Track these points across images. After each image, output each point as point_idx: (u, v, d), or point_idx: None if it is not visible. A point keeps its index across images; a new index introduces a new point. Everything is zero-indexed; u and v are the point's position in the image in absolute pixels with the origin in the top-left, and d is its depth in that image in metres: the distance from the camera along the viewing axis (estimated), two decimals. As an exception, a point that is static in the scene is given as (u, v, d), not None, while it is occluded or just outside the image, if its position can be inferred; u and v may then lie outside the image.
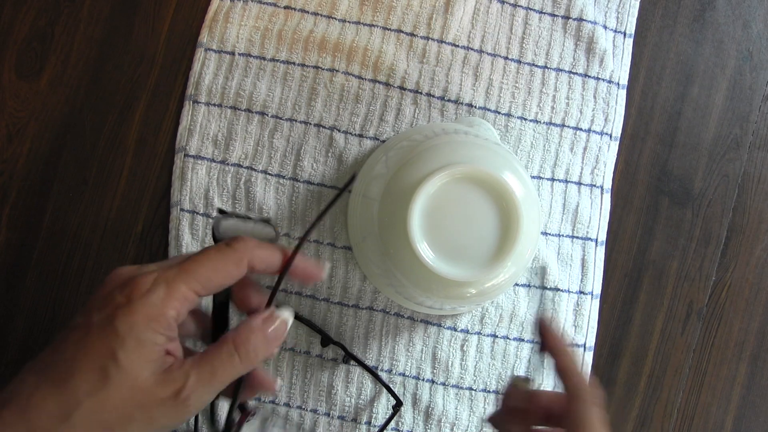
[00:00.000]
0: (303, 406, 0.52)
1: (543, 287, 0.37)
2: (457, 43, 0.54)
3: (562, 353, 0.36)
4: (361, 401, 0.52)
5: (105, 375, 0.27)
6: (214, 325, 0.34)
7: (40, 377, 0.28)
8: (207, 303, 0.34)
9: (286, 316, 0.32)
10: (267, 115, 0.53)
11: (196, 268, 0.30)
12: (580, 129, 0.55)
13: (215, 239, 0.32)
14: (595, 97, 0.55)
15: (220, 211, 0.33)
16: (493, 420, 0.38)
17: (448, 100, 0.54)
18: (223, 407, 0.49)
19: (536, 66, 0.55)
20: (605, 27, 0.56)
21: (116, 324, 0.28)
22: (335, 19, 0.54)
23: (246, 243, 0.31)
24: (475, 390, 0.53)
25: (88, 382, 0.27)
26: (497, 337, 0.53)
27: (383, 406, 0.52)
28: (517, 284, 0.53)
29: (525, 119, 0.54)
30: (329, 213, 0.52)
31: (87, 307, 0.30)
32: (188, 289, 0.29)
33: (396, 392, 0.52)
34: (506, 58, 0.55)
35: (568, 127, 0.55)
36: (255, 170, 0.53)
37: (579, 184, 0.54)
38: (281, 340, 0.32)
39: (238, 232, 0.32)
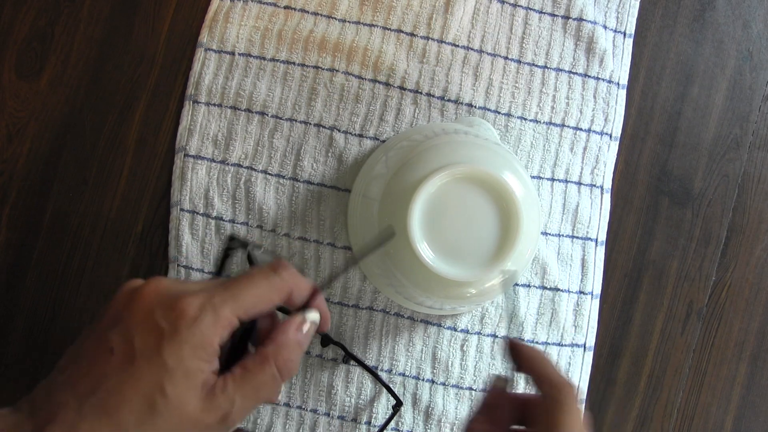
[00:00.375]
0: (303, 406, 0.52)
1: (512, 295, 0.36)
2: (457, 43, 0.54)
3: (537, 364, 0.35)
4: (361, 401, 0.52)
5: (153, 407, 0.27)
6: (233, 347, 0.33)
7: (84, 404, 0.27)
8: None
9: (314, 317, 0.32)
10: (267, 115, 0.53)
11: (242, 294, 0.29)
12: (580, 129, 0.55)
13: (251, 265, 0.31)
14: (595, 97, 0.55)
15: (231, 238, 0.32)
16: (470, 428, 0.36)
17: (448, 100, 0.54)
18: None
19: (536, 66, 0.55)
20: (605, 27, 0.56)
21: (164, 356, 0.27)
22: (335, 19, 0.54)
23: (290, 272, 0.31)
24: (475, 390, 0.53)
25: (135, 414, 0.27)
26: (497, 337, 0.53)
27: (383, 406, 0.52)
28: (517, 284, 0.53)
29: (525, 119, 0.54)
30: (329, 213, 0.52)
31: (124, 325, 0.28)
32: (233, 315, 0.29)
33: (396, 392, 0.52)
34: (506, 58, 0.55)
35: (568, 127, 0.55)
36: (255, 170, 0.53)
37: (579, 184, 0.54)
38: (310, 340, 0.32)
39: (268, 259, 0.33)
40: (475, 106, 0.54)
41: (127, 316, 0.29)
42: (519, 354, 0.35)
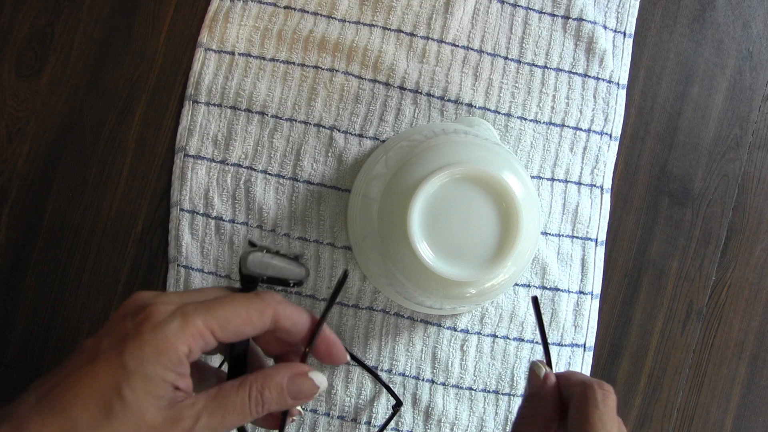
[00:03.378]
0: (303, 406, 0.52)
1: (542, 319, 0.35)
2: (456, 43, 0.54)
3: (567, 375, 0.34)
4: (361, 401, 0.52)
5: (109, 410, 0.26)
6: (231, 373, 0.32)
7: (41, 400, 0.26)
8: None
9: (320, 380, 0.30)
10: (267, 115, 0.53)
11: (218, 307, 0.28)
12: (580, 129, 0.55)
13: (241, 274, 0.31)
14: (595, 97, 0.55)
15: (251, 244, 0.31)
16: (517, 430, 0.35)
17: (448, 100, 0.54)
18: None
19: (536, 66, 0.55)
20: (605, 27, 0.56)
21: (125, 356, 0.26)
22: (335, 19, 0.54)
23: (274, 296, 0.30)
24: (475, 390, 0.53)
25: (90, 415, 0.26)
26: (497, 337, 0.53)
27: (383, 406, 0.52)
28: (517, 284, 0.53)
29: (525, 119, 0.54)
30: (329, 213, 0.52)
31: (102, 330, 0.28)
32: (205, 326, 0.27)
33: (396, 392, 0.52)
34: (506, 58, 0.55)
35: (568, 127, 0.55)
36: (255, 170, 0.53)
37: (579, 184, 0.54)
38: (305, 401, 0.30)
39: (267, 268, 0.31)
40: (475, 106, 0.54)
41: (106, 322, 0.28)
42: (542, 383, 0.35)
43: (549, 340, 0.53)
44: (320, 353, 0.32)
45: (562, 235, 0.54)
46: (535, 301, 0.34)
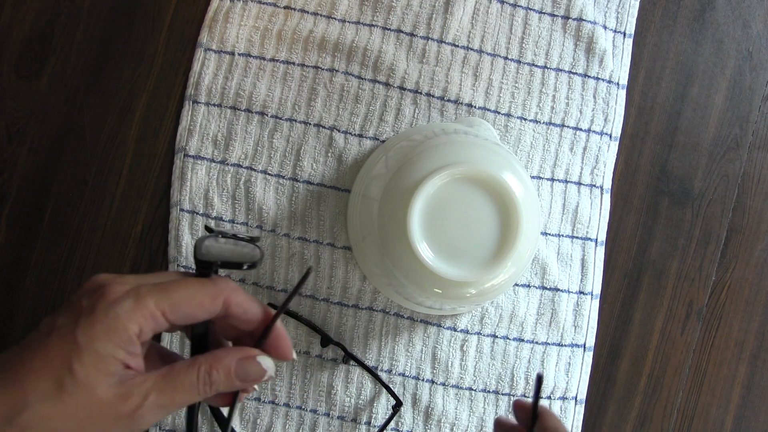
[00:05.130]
0: (303, 407, 0.52)
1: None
2: (456, 43, 0.54)
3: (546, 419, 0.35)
4: (360, 401, 0.52)
5: (60, 385, 0.27)
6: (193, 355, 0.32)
7: None
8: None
9: (268, 365, 0.31)
10: (267, 115, 0.53)
11: (171, 290, 0.29)
12: (580, 129, 0.55)
13: (196, 259, 0.31)
14: (594, 97, 0.55)
15: (207, 230, 0.32)
16: None
17: (448, 100, 0.54)
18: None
19: (536, 66, 0.55)
20: (605, 27, 0.56)
21: (77, 333, 0.27)
22: (335, 19, 0.54)
23: (228, 283, 0.31)
24: (475, 390, 0.53)
25: (41, 389, 0.27)
26: (497, 337, 0.53)
27: (383, 406, 0.52)
28: (517, 284, 0.53)
29: (525, 119, 0.54)
30: (329, 213, 0.52)
31: (60, 308, 0.29)
32: (156, 308, 0.28)
33: (396, 392, 0.52)
34: (506, 58, 0.55)
35: (568, 127, 0.55)
36: (255, 170, 0.53)
37: (579, 184, 0.54)
38: (252, 385, 0.31)
39: (221, 252, 0.31)
40: (475, 107, 0.54)
41: (64, 303, 0.29)
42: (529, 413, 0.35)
43: (549, 341, 0.53)
44: (267, 345, 0.32)
45: (562, 235, 0.54)
46: (539, 379, 0.33)
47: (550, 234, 0.54)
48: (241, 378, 0.30)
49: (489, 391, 0.53)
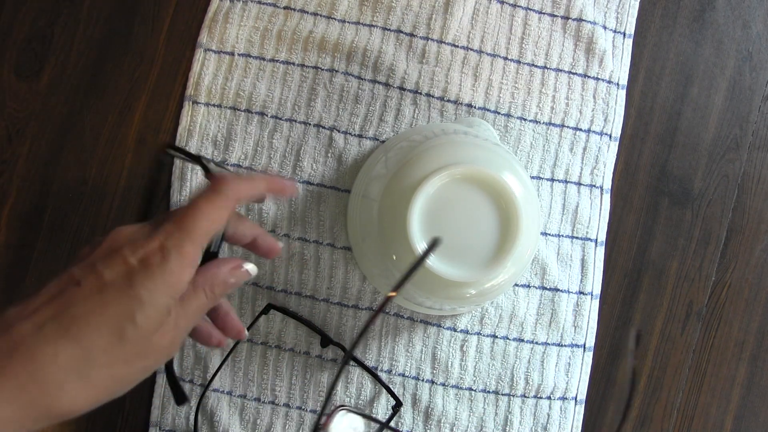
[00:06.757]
0: (303, 407, 0.52)
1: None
2: (456, 44, 0.54)
3: None
4: (360, 401, 0.52)
5: (122, 335, 0.29)
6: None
7: (44, 329, 0.28)
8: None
9: (251, 268, 0.35)
10: (266, 115, 0.53)
11: (195, 225, 0.31)
12: (580, 129, 0.55)
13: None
14: (594, 97, 0.55)
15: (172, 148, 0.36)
16: None
17: (448, 101, 0.54)
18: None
19: (536, 66, 0.55)
20: (605, 27, 0.56)
21: (137, 288, 0.29)
22: (335, 19, 0.54)
23: (230, 183, 0.33)
24: (475, 390, 0.53)
25: (104, 339, 0.29)
26: (497, 337, 0.53)
27: (383, 406, 0.52)
28: (516, 285, 0.53)
29: (524, 119, 0.54)
30: (329, 213, 0.52)
31: (89, 261, 0.30)
32: (195, 250, 0.31)
33: (395, 392, 0.52)
34: (506, 58, 0.55)
35: (568, 127, 0.55)
36: (255, 171, 0.53)
37: (579, 184, 0.54)
38: (241, 283, 0.35)
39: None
40: (475, 107, 0.54)
41: (90, 253, 0.31)
42: None
43: (549, 341, 0.53)
44: (218, 323, 0.37)
45: (562, 236, 0.54)
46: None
47: (550, 234, 0.54)
48: (233, 285, 0.35)
49: (489, 392, 0.53)
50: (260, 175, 0.36)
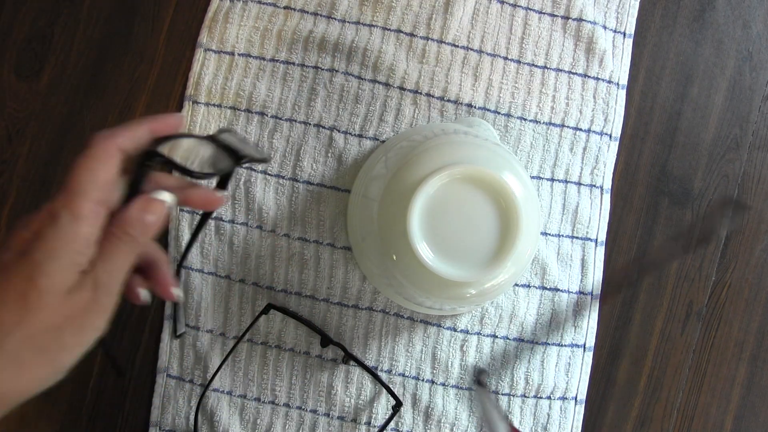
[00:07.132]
0: (303, 407, 0.52)
1: (485, 392, 0.34)
2: (456, 44, 0.54)
3: None
4: (360, 401, 0.52)
5: (27, 301, 0.28)
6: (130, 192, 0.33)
7: None
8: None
9: (165, 196, 0.33)
10: (266, 115, 0.53)
11: (77, 180, 0.30)
12: (580, 129, 0.55)
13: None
14: (594, 97, 0.55)
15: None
16: None
17: (448, 101, 0.54)
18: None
19: (536, 66, 0.55)
20: (605, 27, 0.56)
21: (33, 254, 0.28)
22: (335, 19, 0.54)
23: (99, 134, 0.31)
24: (475, 390, 0.53)
25: (12, 313, 0.28)
26: (497, 337, 0.53)
27: (383, 406, 0.52)
28: (516, 284, 0.53)
29: (525, 119, 0.54)
30: (329, 213, 0.52)
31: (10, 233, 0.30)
32: (87, 203, 0.29)
33: (396, 392, 0.52)
34: (506, 58, 0.55)
35: (568, 127, 0.55)
36: (254, 170, 0.53)
37: (579, 184, 0.54)
38: (163, 217, 0.32)
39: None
40: (475, 107, 0.54)
41: None
42: None
43: (549, 341, 0.53)
44: (153, 281, 0.35)
45: (562, 236, 0.54)
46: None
47: (550, 234, 0.54)
48: (153, 221, 0.32)
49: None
50: (141, 118, 0.33)
